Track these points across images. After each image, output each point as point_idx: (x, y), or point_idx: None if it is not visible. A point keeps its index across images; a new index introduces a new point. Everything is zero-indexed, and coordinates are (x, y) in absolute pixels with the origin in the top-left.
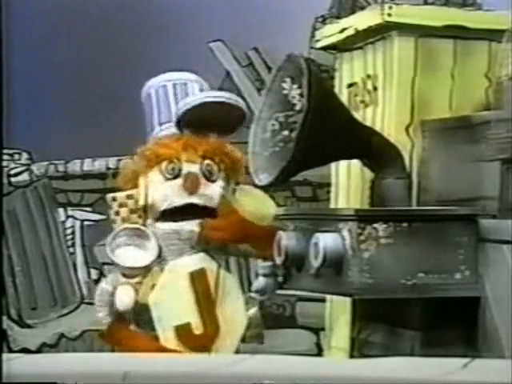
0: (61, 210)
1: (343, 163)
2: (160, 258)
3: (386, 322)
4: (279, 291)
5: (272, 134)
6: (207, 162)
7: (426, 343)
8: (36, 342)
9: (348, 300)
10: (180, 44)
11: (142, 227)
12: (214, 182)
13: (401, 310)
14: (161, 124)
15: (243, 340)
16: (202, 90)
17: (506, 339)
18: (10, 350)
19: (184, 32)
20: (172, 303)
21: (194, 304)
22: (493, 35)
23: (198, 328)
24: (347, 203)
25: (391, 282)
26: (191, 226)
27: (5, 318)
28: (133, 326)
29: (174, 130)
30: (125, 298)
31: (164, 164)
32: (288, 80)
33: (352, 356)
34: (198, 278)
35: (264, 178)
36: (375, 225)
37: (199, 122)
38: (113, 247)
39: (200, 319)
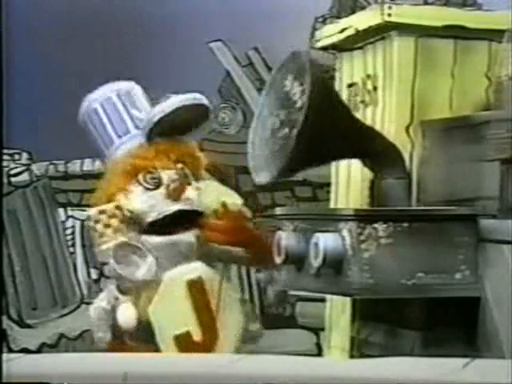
0: (61, 210)
1: (343, 163)
2: (155, 272)
3: (385, 322)
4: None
5: (272, 132)
6: (181, 166)
7: (426, 343)
8: (36, 342)
9: (348, 300)
10: (180, 44)
11: (138, 244)
12: (189, 184)
13: (401, 310)
14: (119, 136)
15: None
16: (144, 94)
17: (506, 339)
18: (10, 350)
19: (184, 32)
20: (171, 313)
21: (192, 312)
22: (493, 35)
23: (197, 336)
24: (347, 203)
25: (391, 282)
26: (189, 237)
27: (5, 318)
28: (131, 342)
29: (137, 139)
30: (129, 316)
31: (141, 175)
32: (290, 77)
33: (352, 356)
34: (195, 287)
35: (263, 177)
36: (375, 225)
37: (169, 127)
38: (115, 260)
39: (199, 327)
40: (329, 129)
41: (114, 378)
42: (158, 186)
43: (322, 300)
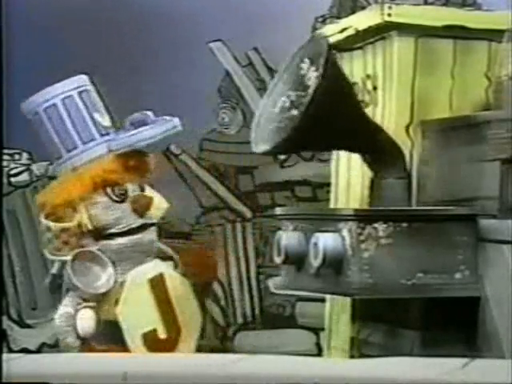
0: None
1: (343, 163)
2: (116, 276)
3: (385, 322)
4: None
5: (281, 110)
6: (141, 180)
7: (425, 343)
8: (36, 342)
9: (348, 300)
10: (180, 44)
11: (98, 252)
12: (148, 194)
13: (401, 309)
14: (84, 143)
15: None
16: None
17: (506, 339)
18: (10, 350)
19: (184, 32)
20: (137, 312)
21: (156, 310)
22: (493, 35)
23: (162, 333)
24: (347, 203)
25: (391, 282)
26: (150, 235)
27: (5, 318)
28: (98, 346)
29: (102, 147)
30: (86, 321)
31: (110, 188)
32: (307, 61)
33: (352, 356)
34: (157, 284)
35: (263, 147)
36: (375, 225)
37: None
38: (73, 272)
39: (163, 324)
40: (334, 116)
41: (113, 378)
42: (124, 199)
43: (322, 300)
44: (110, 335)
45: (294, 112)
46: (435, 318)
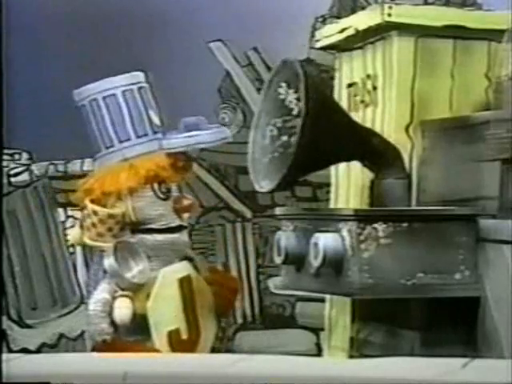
0: (61, 210)
1: (343, 163)
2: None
3: (385, 322)
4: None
5: (271, 140)
6: (179, 182)
7: (426, 343)
8: (36, 342)
9: (348, 300)
10: (180, 44)
11: (135, 243)
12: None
13: (401, 310)
14: (138, 136)
15: None
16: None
17: (505, 339)
18: (10, 350)
19: (184, 32)
20: (166, 309)
21: (182, 309)
22: (493, 35)
23: (184, 333)
24: (347, 203)
25: (391, 282)
26: (185, 237)
27: (5, 318)
28: (127, 337)
29: (153, 144)
30: (124, 311)
31: (157, 184)
32: (284, 85)
33: (352, 356)
34: (185, 284)
35: (265, 185)
36: (375, 225)
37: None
38: (115, 259)
39: (186, 324)
40: (327, 133)
41: (114, 378)
42: (168, 197)
43: (322, 300)
44: (140, 329)
45: (284, 137)
46: (435, 318)
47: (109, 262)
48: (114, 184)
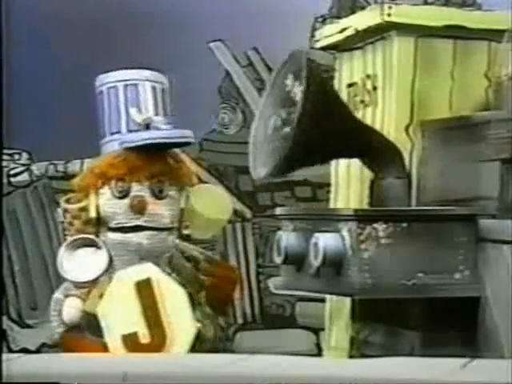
0: (61, 210)
1: (343, 163)
2: (110, 268)
3: (385, 322)
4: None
5: (274, 130)
6: (155, 180)
7: (426, 343)
8: (36, 342)
9: (348, 300)
10: (180, 44)
11: (94, 237)
12: (163, 198)
13: (401, 310)
14: (112, 133)
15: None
16: (154, 88)
17: (505, 339)
18: (10, 350)
19: (184, 32)
20: (119, 313)
21: (140, 313)
22: (493, 35)
23: (145, 337)
24: (347, 203)
25: (391, 282)
26: (139, 238)
27: (5, 318)
28: (87, 334)
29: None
30: (71, 310)
31: (113, 182)
32: (290, 77)
33: (352, 356)
34: (144, 288)
35: (260, 172)
36: (375, 225)
37: (148, 147)
38: (65, 258)
39: (147, 328)
40: (326, 127)
41: (113, 378)
42: (124, 196)
43: (322, 300)
44: (95, 327)
45: (287, 129)
46: (435, 318)
47: (58, 260)
48: (78, 182)
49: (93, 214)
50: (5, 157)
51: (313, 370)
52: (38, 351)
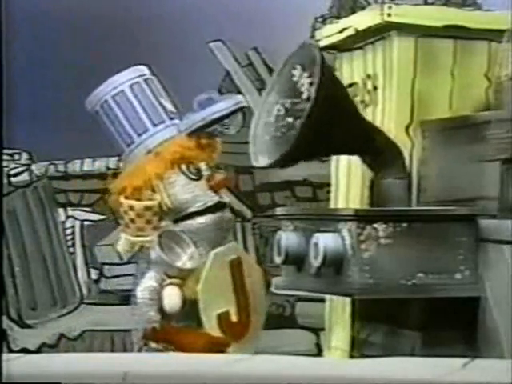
0: (61, 210)
1: (343, 163)
2: (198, 254)
3: (385, 322)
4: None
5: (276, 119)
6: (211, 160)
7: (426, 343)
8: (36, 342)
9: (348, 300)
10: (180, 44)
11: (181, 234)
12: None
13: (401, 309)
14: (155, 125)
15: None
16: (151, 80)
17: (506, 339)
18: (10, 350)
19: (184, 32)
20: (216, 291)
21: (232, 292)
22: (493, 35)
23: (234, 315)
24: (347, 203)
25: (391, 282)
26: (228, 214)
27: (5, 317)
28: (175, 324)
29: (172, 130)
30: (174, 298)
31: (185, 165)
32: (299, 67)
33: (352, 356)
34: (236, 266)
35: (263, 161)
36: (375, 225)
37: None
38: (159, 248)
39: (236, 307)
40: (333, 122)
41: (113, 378)
42: (200, 177)
43: (322, 300)
44: (189, 315)
45: (290, 119)
46: (435, 318)
47: (155, 252)
48: (142, 176)
49: (170, 205)
50: (5, 157)
51: (313, 370)
52: (38, 351)
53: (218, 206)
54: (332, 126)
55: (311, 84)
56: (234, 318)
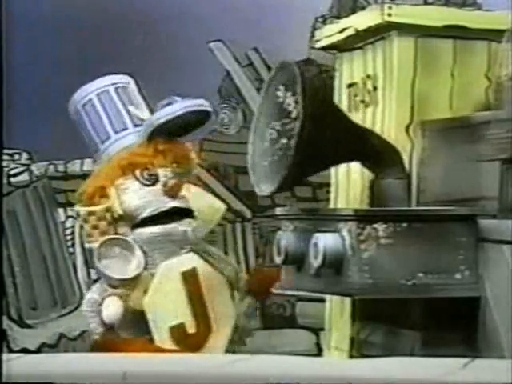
0: (61, 210)
1: (343, 164)
2: (147, 265)
3: (385, 322)
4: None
5: (271, 143)
6: (175, 165)
7: (426, 343)
8: (36, 342)
9: (348, 300)
10: (180, 44)
11: (127, 238)
12: (183, 183)
13: (401, 309)
14: (116, 132)
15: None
16: (140, 90)
17: (506, 339)
18: (10, 350)
19: (184, 32)
20: (166, 304)
21: (186, 303)
22: (493, 35)
23: (191, 327)
24: (347, 203)
25: (391, 282)
26: (184, 226)
27: (5, 318)
28: (124, 334)
29: (134, 136)
30: (112, 309)
31: (139, 171)
32: (282, 88)
33: (352, 356)
34: (190, 278)
35: (266, 188)
36: (375, 225)
37: (169, 129)
38: (99, 259)
39: (193, 318)
40: (326, 135)
41: (113, 378)
42: (154, 182)
43: (322, 300)
44: (138, 325)
45: (284, 140)
46: (435, 318)
47: (95, 261)
48: (94, 183)
49: (119, 211)
50: (5, 157)
51: (313, 370)
52: (38, 351)
53: (175, 212)
54: (325, 140)
55: (296, 102)
56: (190, 329)
